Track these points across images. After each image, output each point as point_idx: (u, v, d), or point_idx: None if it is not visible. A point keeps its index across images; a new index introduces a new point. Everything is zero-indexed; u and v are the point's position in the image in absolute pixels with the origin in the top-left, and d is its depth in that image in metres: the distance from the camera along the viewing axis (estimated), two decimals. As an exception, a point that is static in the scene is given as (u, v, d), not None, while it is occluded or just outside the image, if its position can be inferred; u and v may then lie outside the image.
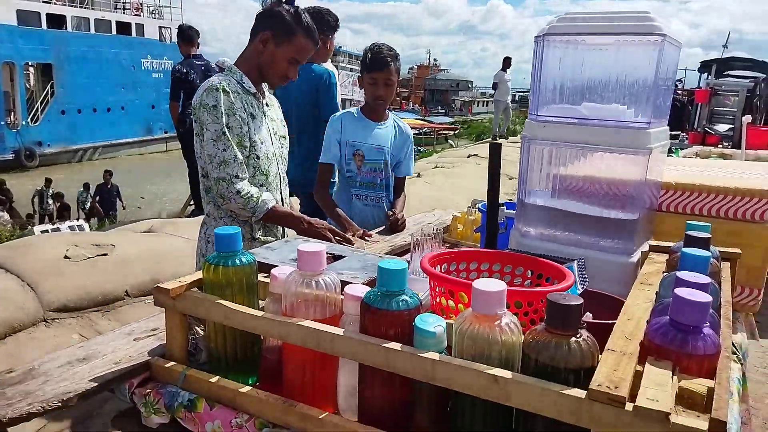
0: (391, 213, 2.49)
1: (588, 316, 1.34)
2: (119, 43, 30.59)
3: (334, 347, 1.03)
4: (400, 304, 1.01)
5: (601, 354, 0.90)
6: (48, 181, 15.68)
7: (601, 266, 1.62)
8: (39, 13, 26.38)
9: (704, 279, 1.00)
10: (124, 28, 31.58)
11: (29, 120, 26.66)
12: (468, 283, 1.19)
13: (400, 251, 2.18)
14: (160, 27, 34.11)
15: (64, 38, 27.46)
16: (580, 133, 1.65)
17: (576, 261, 1.39)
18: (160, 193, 20.32)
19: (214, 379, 1.17)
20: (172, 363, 1.24)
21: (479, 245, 2.26)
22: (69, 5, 28.41)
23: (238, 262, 1.20)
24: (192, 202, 7.22)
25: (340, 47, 67.91)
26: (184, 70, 5.59)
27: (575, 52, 1.65)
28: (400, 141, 2.67)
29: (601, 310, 1.31)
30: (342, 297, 1.11)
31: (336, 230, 2.10)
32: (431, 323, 0.97)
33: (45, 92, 27.52)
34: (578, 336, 0.88)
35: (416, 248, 1.98)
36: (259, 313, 1.12)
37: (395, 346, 0.97)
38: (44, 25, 26.52)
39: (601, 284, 1.51)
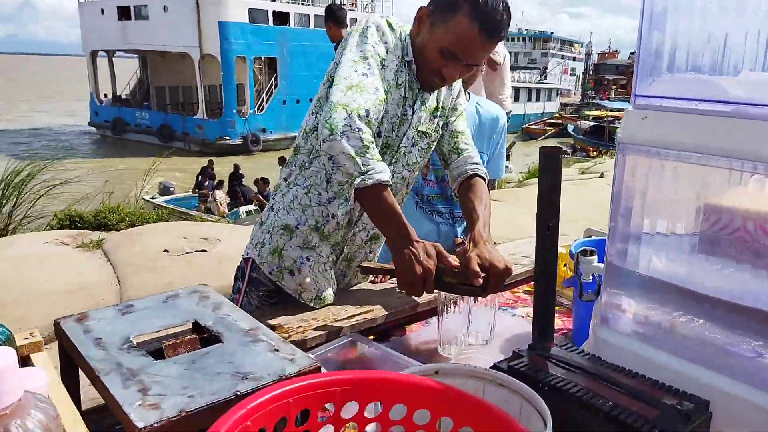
0: (460, 240, 1.76)
1: None
2: (333, 37, 32.54)
3: None
4: None
5: None
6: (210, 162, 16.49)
7: (748, 417, 0.76)
8: (267, 11, 29.07)
9: None
10: (339, 22, 33.57)
11: (256, 109, 29.70)
12: None
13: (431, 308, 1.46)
14: (372, 20, 35.52)
15: (287, 34, 29.94)
16: (720, 132, 0.80)
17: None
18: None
19: None
20: None
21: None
22: (292, 3, 30.91)
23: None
24: None
25: (552, 33, 64.29)
26: None
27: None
28: (483, 130, 1.87)
29: None
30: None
31: (450, 264, 1.27)
32: None
33: (270, 84, 30.40)
34: None
35: (443, 312, 1.28)
36: None
37: None
38: (271, 22, 29.21)
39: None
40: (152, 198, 13.15)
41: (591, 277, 1.19)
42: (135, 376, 0.74)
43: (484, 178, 1.57)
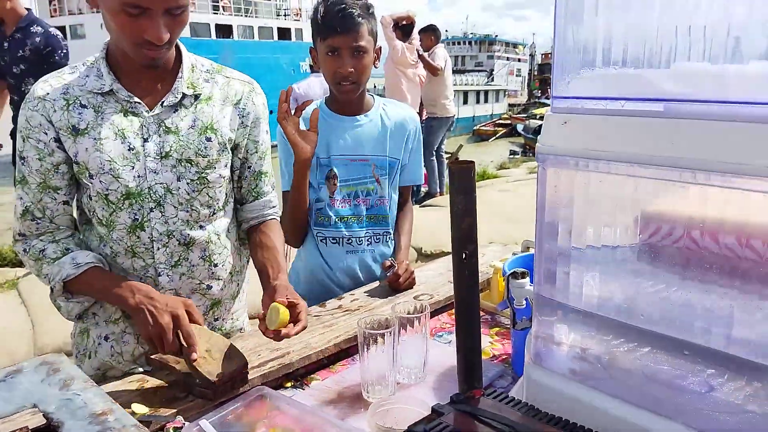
0: (389, 262, 1.60)
1: None
2: (279, 48, 32.17)
3: None
4: None
5: None
6: None
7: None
8: (209, 24, 28.55)
9: None
10: (284, 33, 33.17)
11: (202, 124, 28.97)
12: None
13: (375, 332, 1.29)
14: (317, 30, 35.41)
15: (230, 46, 29.46)
16: (652, 135, 0.68)
17: None
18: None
19: None
20: None
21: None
22: (235, 15, 30.46)
23: None
24: None
25: (496, 36, 65.42)
26: None
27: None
28: (395, 137, 1.70)
29: None
30: None
31: (190, 339, 1.10)
32: None
33: (215, 98, 29.82)
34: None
35: (365, 349, 1.12)
36: None
37: None
38: (213, 35, 28.65)
39: None
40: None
41: (525, 302, 1.06)
42: None
43: (278, 220, 1.45)
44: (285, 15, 34.81)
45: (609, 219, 0.78)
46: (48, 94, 1.19)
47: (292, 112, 1.53)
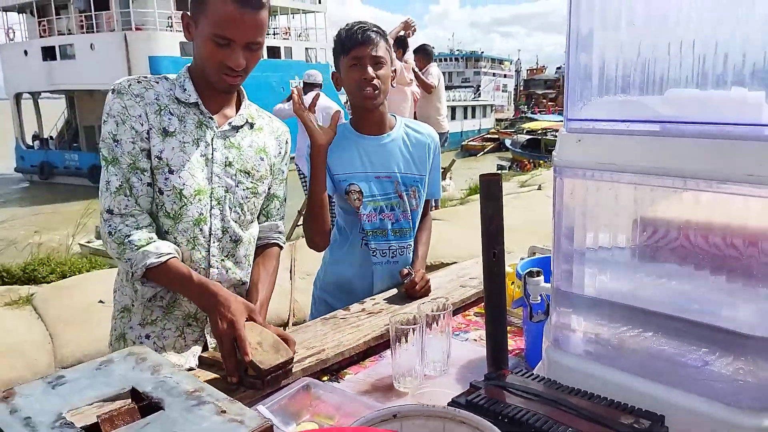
0: (406, 271, 1.74)
1: None
2: (269, 67, 32.46)
3: None
4: None
5: None
6: None
7: (702, 427, 0.77)
8: (198, 44, 28.88)
9: None
10: (273, 51, 33.50)
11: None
12: None
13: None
14: (306, 48, 35.78)
15: (220, 65, 29.71)
16: (650, 150, 0.82)
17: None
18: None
19: None
20: None
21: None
22: (225, 34, 30.75)
23: None
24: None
25: (482, 52, 66.38)
26: None
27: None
28: (418, 154, 1.85)
29: None
30: None
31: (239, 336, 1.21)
32: None
33: (205, 117, 29.93)
34: None
35: (396, 345, 1.25)
36: None
37: None
38: (203, 55, 28.91)
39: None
40: (89, 242, 12.41)
41: (539, 298, 1.20)
42: (68, 457, 0.68)
43: (281, 247, 1.65)
44: (274, 34, 35.17)
45: (616, 220, 0.92)
46: (144, 96, 1.38)
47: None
